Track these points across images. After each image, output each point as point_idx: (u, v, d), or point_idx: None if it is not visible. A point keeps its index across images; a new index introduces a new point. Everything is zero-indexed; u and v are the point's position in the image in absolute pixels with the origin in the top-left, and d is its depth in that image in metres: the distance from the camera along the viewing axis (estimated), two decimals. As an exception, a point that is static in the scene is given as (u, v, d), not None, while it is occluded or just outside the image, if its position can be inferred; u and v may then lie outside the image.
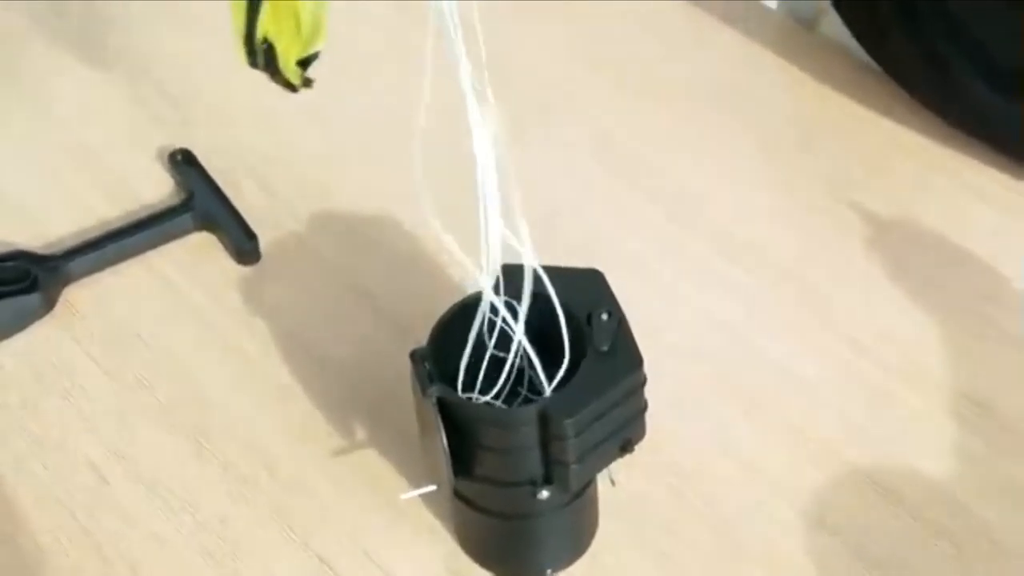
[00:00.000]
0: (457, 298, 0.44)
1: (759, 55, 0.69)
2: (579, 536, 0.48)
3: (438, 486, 0.46)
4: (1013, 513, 0.48)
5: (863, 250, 0.59)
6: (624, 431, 0.44)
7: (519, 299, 0.44)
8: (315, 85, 0.41)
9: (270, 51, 0.43)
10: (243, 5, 0.42)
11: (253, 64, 0.43)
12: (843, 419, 0.51)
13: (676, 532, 0.49)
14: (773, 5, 0.77)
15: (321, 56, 0.42)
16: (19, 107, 0.68)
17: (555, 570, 0.48)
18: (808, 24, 0.74)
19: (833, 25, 0.70)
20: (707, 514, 0.49)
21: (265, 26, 0.42)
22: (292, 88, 0.43)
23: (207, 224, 0.59)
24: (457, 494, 0.46)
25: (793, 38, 0.71)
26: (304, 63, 0.43)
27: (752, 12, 0.73)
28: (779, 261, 0.60)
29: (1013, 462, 0.49)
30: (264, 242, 0.58)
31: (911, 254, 0.58)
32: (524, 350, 0.44)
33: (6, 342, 0.55)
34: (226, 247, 0.58)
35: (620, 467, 0.44)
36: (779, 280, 0.58)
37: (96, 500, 0.50)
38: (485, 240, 0.42)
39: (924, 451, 0.50)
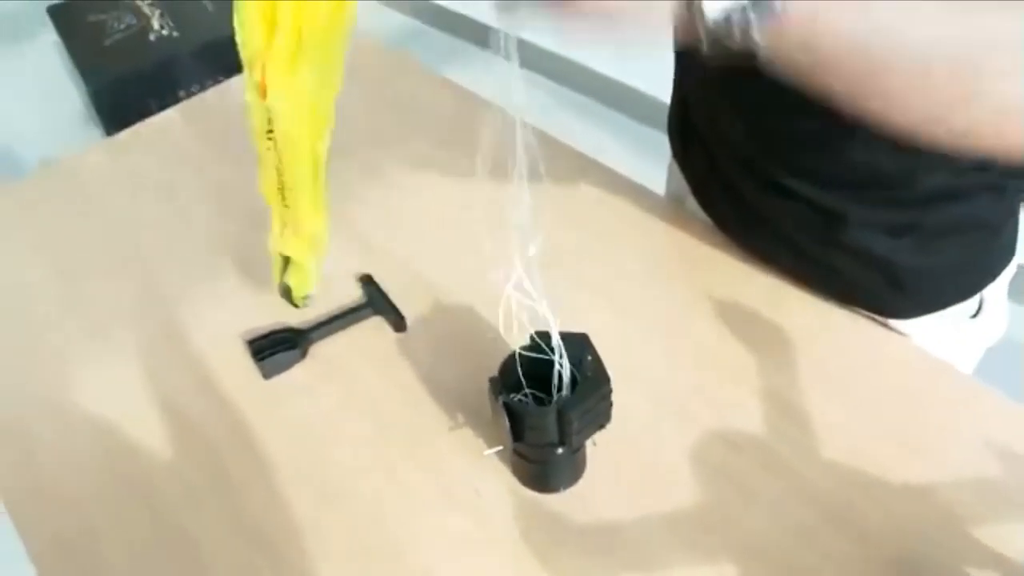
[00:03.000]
0: (511, 349, 0.62)
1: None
2: (576, 472, 0.66)
3: (504, 447, 0.65)
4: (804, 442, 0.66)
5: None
6: (600, 417, 0.62)
7: (546, 349, 0.60)
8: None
9: (288, 290, 0.68)
10: (280, 265, 0.64)
11: (281, 295, 0.68)
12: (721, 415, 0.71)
13: (626, 470, 0.66)
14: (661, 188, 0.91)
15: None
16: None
17: (564, 489, 0.66)
18: (678, 200, 0.87)
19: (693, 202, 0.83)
20: (647, 460, 0.67)
21: (288, 278, 0.65)
22: (297, 307, 0.69)
23: (378, 312, 0.80)
24: (514, 451, 0.64)
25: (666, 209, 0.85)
26: (304, 297, 0.69)
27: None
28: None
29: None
30: (409, 320, 0.79)
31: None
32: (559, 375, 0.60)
33: (281, 375, 0.76)
34: (389, 323, 0.79)
35: (598, 437, 0.63)
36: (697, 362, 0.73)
37: (323, 468, 0.69)
38: (513, 314, 0.56)
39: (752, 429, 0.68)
